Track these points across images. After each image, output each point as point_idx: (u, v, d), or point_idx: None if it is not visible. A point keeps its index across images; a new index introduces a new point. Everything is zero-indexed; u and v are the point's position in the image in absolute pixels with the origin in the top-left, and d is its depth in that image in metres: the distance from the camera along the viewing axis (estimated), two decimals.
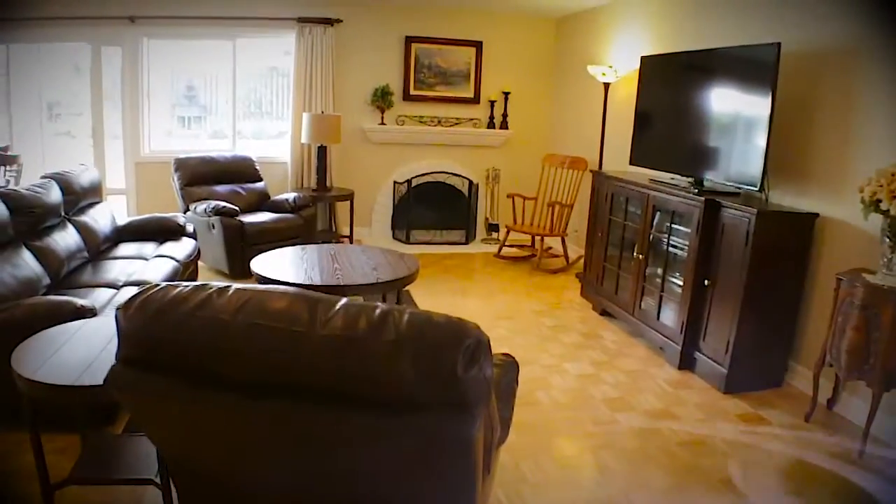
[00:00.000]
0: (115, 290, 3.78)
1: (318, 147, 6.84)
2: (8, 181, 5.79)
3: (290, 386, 1.56)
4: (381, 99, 7.23)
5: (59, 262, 3.92)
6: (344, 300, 1.63)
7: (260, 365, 1.58)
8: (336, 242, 7.15)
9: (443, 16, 7.33)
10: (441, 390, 1.50)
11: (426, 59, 7.40)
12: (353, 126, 7.29)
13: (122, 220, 5.25)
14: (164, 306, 1.65)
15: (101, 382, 1.79)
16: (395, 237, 7.60)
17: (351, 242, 7.03)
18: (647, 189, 4.63)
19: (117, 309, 1.70)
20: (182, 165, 6.23)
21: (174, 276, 4.24)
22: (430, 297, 5.46)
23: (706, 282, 4.04)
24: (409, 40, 7.30)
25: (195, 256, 4.97)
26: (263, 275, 3.93)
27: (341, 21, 7.01)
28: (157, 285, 1.74)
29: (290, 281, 3.82)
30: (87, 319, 2.90)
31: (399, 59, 7.34)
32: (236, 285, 1.69)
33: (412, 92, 7.42)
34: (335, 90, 7.10)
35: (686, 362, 4.22)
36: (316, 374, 1.54)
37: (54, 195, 4.20)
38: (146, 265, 4.32)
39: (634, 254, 4.74)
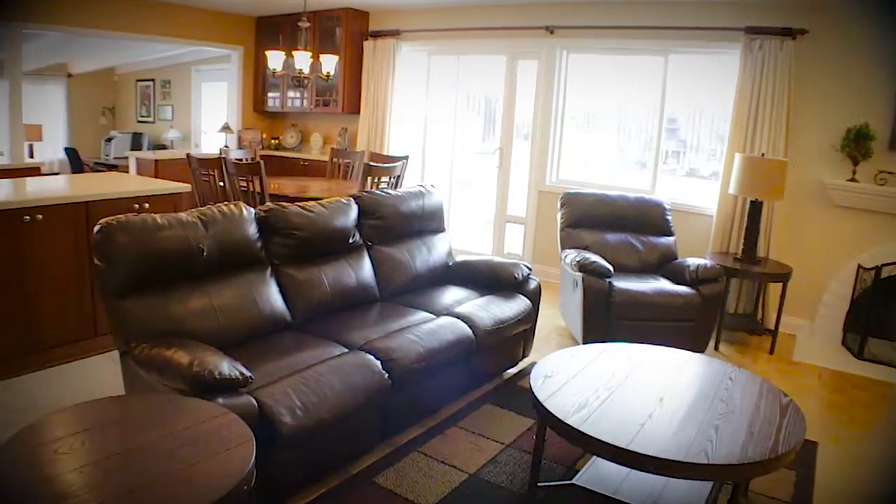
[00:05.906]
0: (344, 350, 2.94)
1: (751, 202, 5.05)
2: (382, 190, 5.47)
3: None
4: (855, 145, 5.03)
5: (313, 299, 3.29)
6: None
7: None
8: (757, 335, 5.26)
9: None
10: None
11: None
12: (808, 178, 5.28)
13: (461, 256, 4.56)
14: None
15: None
16: (844, 343, 5.25)
17: (774, 339, 5.04)
18: None
19: None
20: (569, 202, 5.27)
21: (443, 354, 3.16)
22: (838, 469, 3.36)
23: None
24: None
25: (515, 323, 3.82)
26: (545, 404, 2.50)
27: (806, 33, 5.10)
28: None
29: (573, 425, 2.35)
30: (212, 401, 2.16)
31: (889, 90, 5.02)
32: None
33: None
34: (788, 126, 5.25)
35: None
36: None
37: (341, 219, 3.60)
38: (430, 326, 3.33)
39: None
